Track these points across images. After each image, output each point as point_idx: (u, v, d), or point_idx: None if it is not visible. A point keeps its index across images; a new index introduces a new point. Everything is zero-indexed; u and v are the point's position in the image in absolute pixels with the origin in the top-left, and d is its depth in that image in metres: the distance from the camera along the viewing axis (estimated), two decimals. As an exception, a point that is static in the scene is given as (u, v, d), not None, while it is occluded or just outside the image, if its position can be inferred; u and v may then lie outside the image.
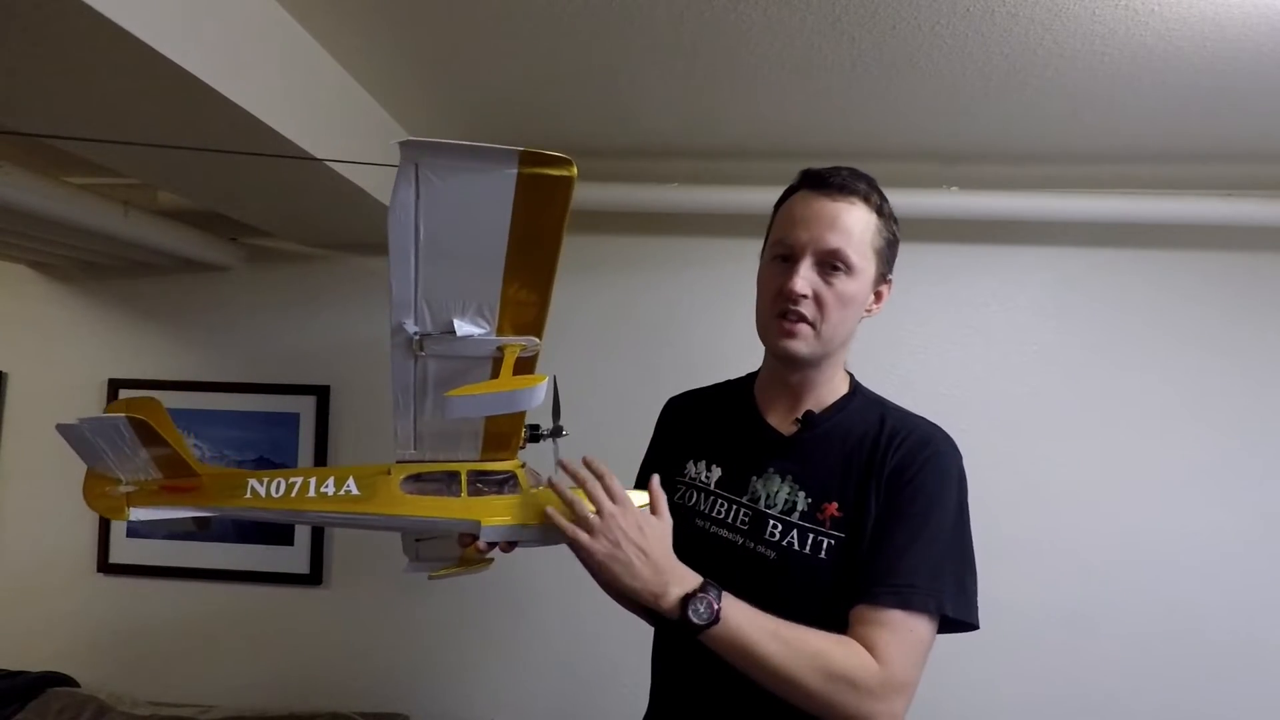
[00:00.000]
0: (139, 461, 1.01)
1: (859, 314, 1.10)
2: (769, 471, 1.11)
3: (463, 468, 1.07)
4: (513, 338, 0.92)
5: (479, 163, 0.75)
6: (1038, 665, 1.94)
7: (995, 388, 1.99)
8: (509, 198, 0.77)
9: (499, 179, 0.76)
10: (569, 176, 0.76)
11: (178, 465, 1.03)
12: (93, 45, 0.94)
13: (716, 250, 2.04)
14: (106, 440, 0.97)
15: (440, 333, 0.89)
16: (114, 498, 1.02)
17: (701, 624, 0.93)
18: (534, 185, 0.76)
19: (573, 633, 2.04)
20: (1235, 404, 1.95)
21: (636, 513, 0.99)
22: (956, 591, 1.01)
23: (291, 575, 2.11)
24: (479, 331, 0.90)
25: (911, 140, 1.75)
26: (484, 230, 0.80)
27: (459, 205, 0.78)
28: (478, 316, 0.89)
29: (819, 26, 1.28)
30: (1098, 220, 1.88)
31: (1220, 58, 1.32)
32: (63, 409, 2.16)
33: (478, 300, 0.87)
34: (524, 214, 0.78)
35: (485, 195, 0.77)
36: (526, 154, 0.74)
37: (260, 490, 1.04)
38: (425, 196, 0.77)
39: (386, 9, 1.28)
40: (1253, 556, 1.92)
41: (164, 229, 1.85)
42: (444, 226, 0.79)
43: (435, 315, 0.88)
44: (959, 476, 1.07)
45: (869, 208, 1.07)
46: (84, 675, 2.09)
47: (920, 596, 0.98)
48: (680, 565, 0.99)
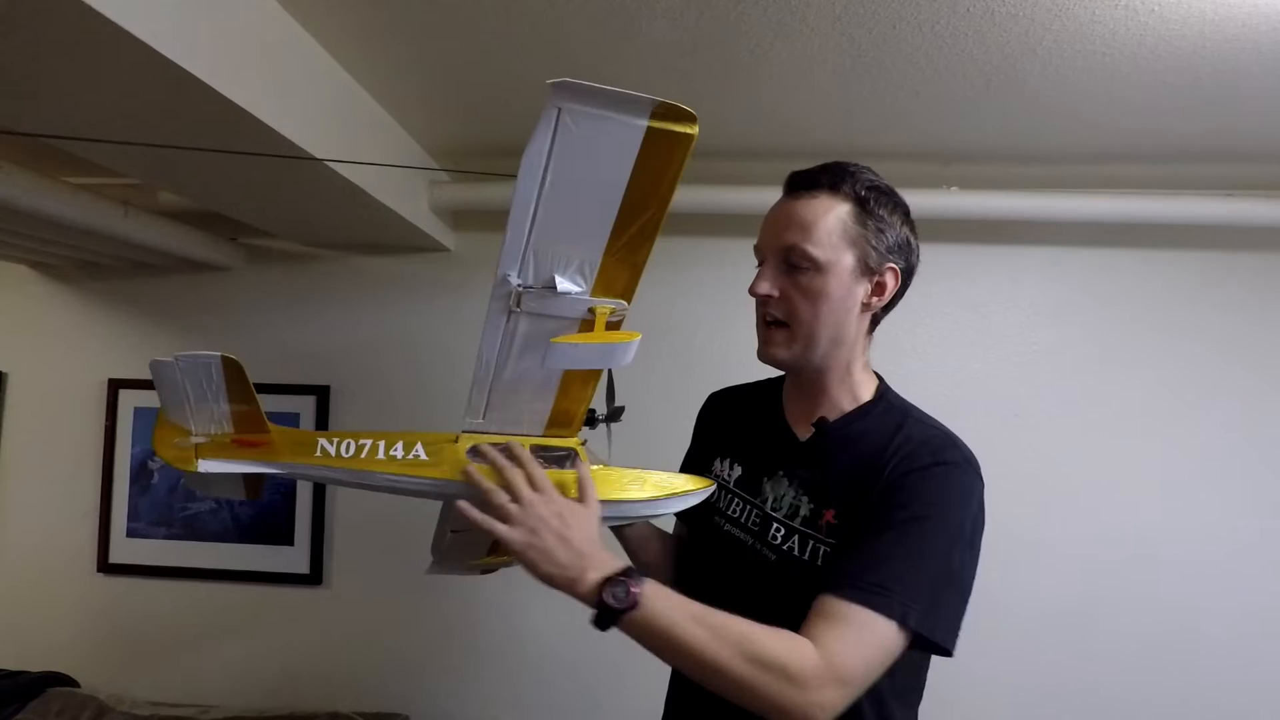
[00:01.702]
0: (216, 411, 1.01)
1: (845, 308, 1.04)
2: (779, 475, 1.10)
3: (526, 441, 1.07)
4: (604, 299, 0.95)
5: (618, 108, 0.78)
6: (1040, 664, 1.94)
7: (995, 387, 1.99)
8: (634, 150, 0.81)
9: (629, 129, 0.80)
10: (691, 134, 0.81)
11: (253, 420, 1.03)
12: (93, 45, 0.94)
13: (716, 250, 2.04)
14: (194, 382, 0.98)
15: (541, 287, 0.92)
16: (184, 448, 1.02)
17: (618, 608, 0.88)
18: (658, 140, 0.80)
19: (573, 633, 2.03)
20: (1236, 403, 1.95)
21: (559, 501, 0.96)
22: (930, 607, 0.93)
23: (291, 575, 2.11)
24: (576, 289, 0.92)
25: (911, 140, 1.75)
26: (603, 184, 0.84)
27: (587, 156, 0.81)
28: (577, 274, 0.92)
29: (819, 26, 1.28)
30: (1098, 220, 1.87)
31: (1220, 58, 1.32)
32: (63, 409, 2.18)
33: (580, 258, 0.91)
34: (643, 169, 0.82)
35: (612, 146, 0.81)
36: (660, 105, 0.79)
37: (330, 450, 1.03)
38: (560, 144, 0.80)
39: (386, 9, 1.28)
40: (1254, 555, 1.93)
41: (164, 229, 1.84)
42: (568, 178, 0.83)
43: (539, 269, 0.91)
44: (971, 497, 1.00)
45: (837, 197, 1.03)
46: (84, 675, 2.09)
47: (887, 600, 0.91)
48: (604, 553, 0.94)
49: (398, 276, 2.13)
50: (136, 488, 2.15)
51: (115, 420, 2.15)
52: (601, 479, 1.05)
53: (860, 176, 1.05)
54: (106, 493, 2.15)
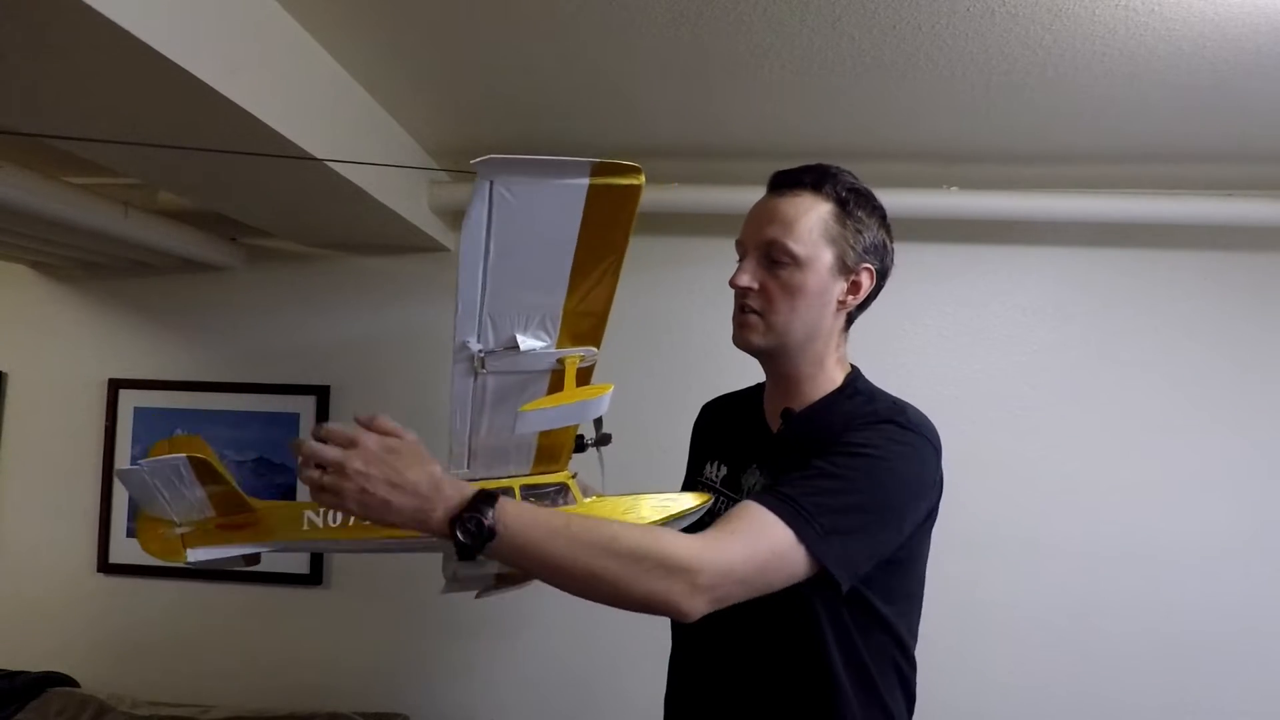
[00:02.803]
0: (194, 501, 0.99)
1: (821, 305, 1.07)
2: (752, 467, 1.14)
3: (515, 483, 1.06)
4: (572, 349, 0.93)
5: (553, 175, 0.77)
6: (1039, 663, 1.94)
7: (995, 387, 1.99)
8: (579, 209, 0.79)
9: (570, 191, 0.78)
10: (636, 185, 0.79)
11: (233, 501, 1.01)
12: (93, 46, 0.94)
13: (716, 250, 2.02)
14: (164, 481, 0.97)
15: (504, 348, 0.90)
16: (170, 539, 1.00)
17: (474, 543, 0.84)
18: (603, 195, 0.78)
19: (573, 633, 2.04)
20: (1236, 403, 1.95)
21: (372, 447, 0.85)
22: (830, 531, 0.92)
23: (291, 575, 2.11)
24: (540, 345, 0.90)
25: (911, 140, 1.75)
26: (552, 243, 0.82)
27: (529, 219, 0.79)
28: (540, 330, 0.90)
29: (819, 26, 1.28)
30: (1098, 220, 1.87)
31: (1220, 58, 1.32)
32: (63, 409, 2.18)
33: (541, 313, 0.88)
34: (592, 223, 0.80)
35: (556, 208, 0.79)
36: (599, 165, 0.77)
37: (317, 521, 1.01)
38: (498, 212, 0.78)
39: (387, 9, 1.28)
40: (1253, 554, 1.93)
41: (164, 229, 1.84)
42: (514, 241, 0.80)
43: (499, 331, 0.89)
44: (912, 458, 1.01)
45: (819, 197, 1.06)
46: (84, 675, 2.09)
47: (791, 510, 0.91)
48: (446, 482, 0.87)
49: (398, 276, 2.13)
50: (136, 488, 2.15)
51: (115, 420, 2.15)
52: (597, 510, 1.04)
53: (841, 178, 1.08)
54: (106, 493, 2.14)
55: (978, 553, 1.91)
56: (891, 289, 1.16)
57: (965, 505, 1.90)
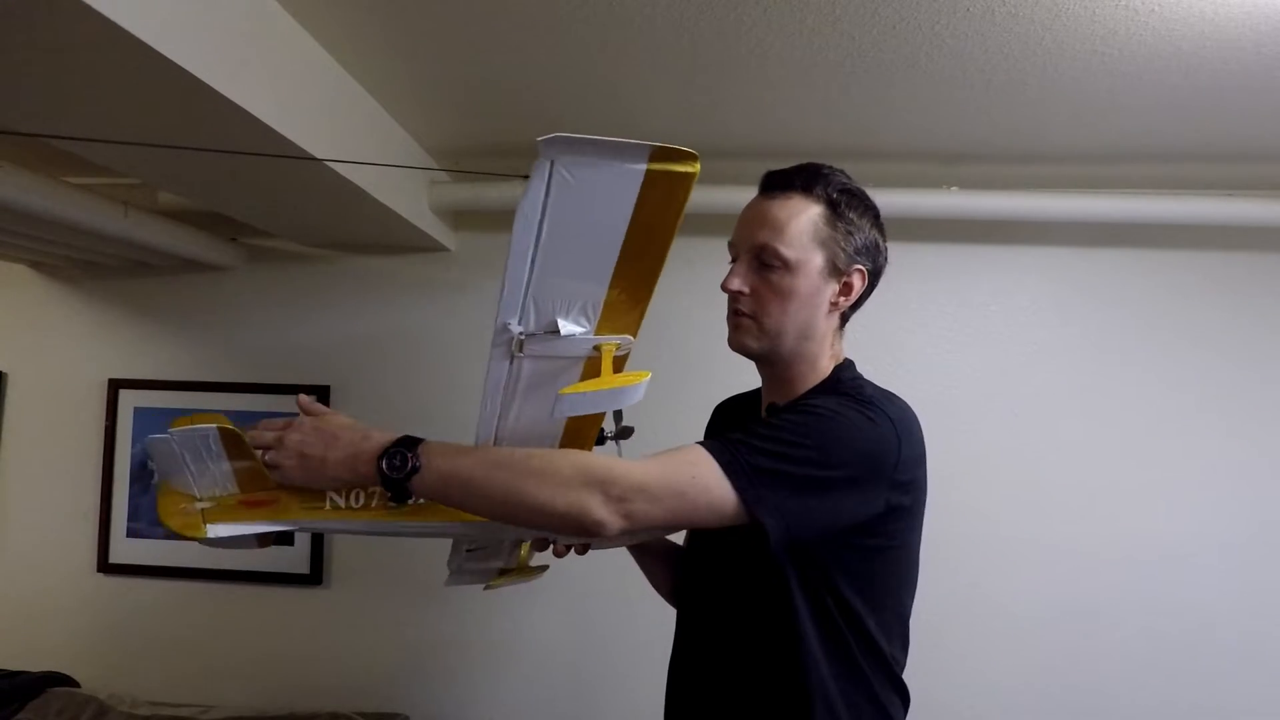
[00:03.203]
0: (219, 475, 1.00)
1: (813, 306, 1.07)
2: None
3: None
4: (610, 336, 0.93)
5: (612, 157, 0.77)
6: (1041, 664, 1.94)
7: (995, 387, 1.99)
8: (633, 194, 0.79)
9: (627, 174, 0.78)
10: (692, 173, 0.79)
11: (258, 478, 1.02)
12: (93, 45, 0.94)
13: (715, 250, 2.01)
14: (192, 452, 0.98)
15: (544, 332, 0.90)
16: (190, 514, 1.00)
17: (399, 477, 0.91)
18: (658, 181, 0.79)
19: (573, 633, 2.04)
20: (1236, 403, 1.95)
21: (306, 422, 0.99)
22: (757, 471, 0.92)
23: (291, 575, 2.11)
24: (580, 330, 0.91)
25: (911, 140, 1.75)
26: (603, 228, 0.82)
27: (584, 203, 0.80)
28: (581, 315, 0.90)
29: (819, 26, 1.28)
30: (1098, 220, 1.87)
31: (1220, 58, 1.32)
32: (63, 409, 2.18)
33: (583, 299, 0.89)
34: (644, 210, 0.81)
35: (610, 192, 0.79)
36: (658, 149, 0.77)
37: (340, 501, 1.03)
38: (555, 194, 0.78)
39: (387, 10, 1.28)
40: (1254, 553, 1.93)
41: (164, 229, 1.84)
42: (566, 225, 0.81)
43: (540, 314, 0.89)
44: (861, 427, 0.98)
45: (809, 199, 1.06)
46: (84, 675, 2.09)
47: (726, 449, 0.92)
48: (376, 433, 0.96)
49: (398, 276, 2.13)
50: (136, 488, 2.15)
51: (115, 420, 2.15)
52: None
53: (833, 179, 1.08)
54: (106, 493, 2.14)
55: (978, 552, 1.92)
56: (892, 289, 1.16)
57: (965, 505, 1.90)
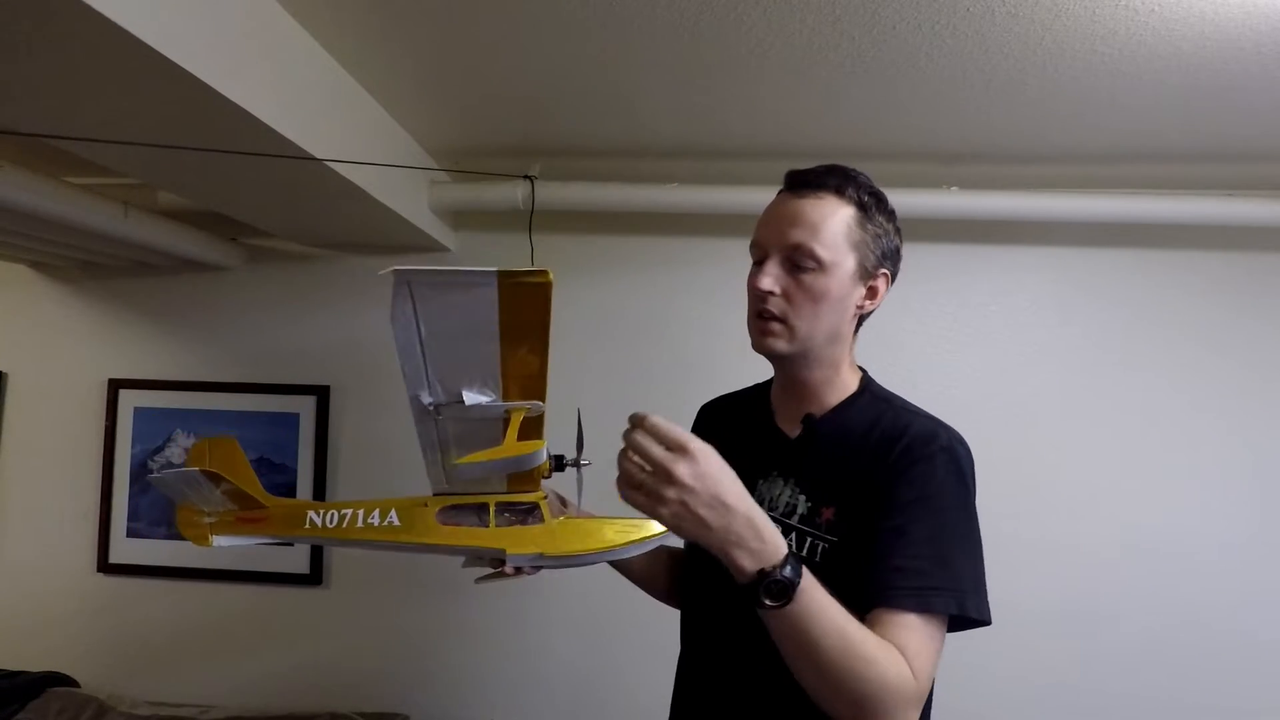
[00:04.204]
0: (216, 498, 1.17)
1: (843, 310, 1.07)
2: (773, 474, 1.11)
3: (491, 500, 1.16)
4: (518, 402, 0.99)
5: (462, 284, 0.83)
6: (1042, 664, 1.94)
7: (995, 388, 1.99)
8: (494, 303, 0.85)
9: (481, 289, 0.84)
10: (546, 283, 0.84)
11: (247, 500, 1.18)
12: (93, 46, 0.94)
13: (714, 250, 2.04)
14: (187, 485, 1.15)
15: (452, 402, 0.98)
16: (200, 526, 1.18)
17: (771, 602, 0.83)
18: (516, 290, 0.84)
19: (574, 633, 2.04)
20: (1236, 403, 1.95)
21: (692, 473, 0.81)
22: (974, 589, 0.98)
23: (291, 575, 2.11)
24: (486, 399, 0.98)
25: (911, 140, 1.75)
26: (478, 327, 0.88)
27: (450, 309, 0.86)
28: (484, 387, 0.97)
29: (819, 26, 1.28)
30: (1098, 220, 1.87)
31: (1220, 58, 1.32)
32: (63, 409, 2.18)
33: (481, 375, 0.96)
34: (510, 313, 0.86)
35: (471, 301, 0.85)
36: (503, 274, 0.82)
37: (318, 521, 1.17)
38: (421, 306, 0.85)
39: (387, 9, 1.28)
40: (1254, 552, 1.93)
41: (164, 229, 1.84)
42: (442, 324, 0.88)
43: (446, 388, 0.97)
44: (967, 473, 1.03)
45: (842, 201, 1.05)
46: (84, 675, 2.09)
47: (942, 598, 0.94)
48: (761, 524, 0.84)
49: (398, 276, 2.12)
50: (136, 488, 2.15)
51: (115, 420, 2.15)
52: (563, 531, 1.15)
53: (861, 181, 1.07)
54: (106, 493, 2.14)
55: (978, 553, 1.92)
56: (892, 289, 1.16)
57: (965, 505, 1.90)
